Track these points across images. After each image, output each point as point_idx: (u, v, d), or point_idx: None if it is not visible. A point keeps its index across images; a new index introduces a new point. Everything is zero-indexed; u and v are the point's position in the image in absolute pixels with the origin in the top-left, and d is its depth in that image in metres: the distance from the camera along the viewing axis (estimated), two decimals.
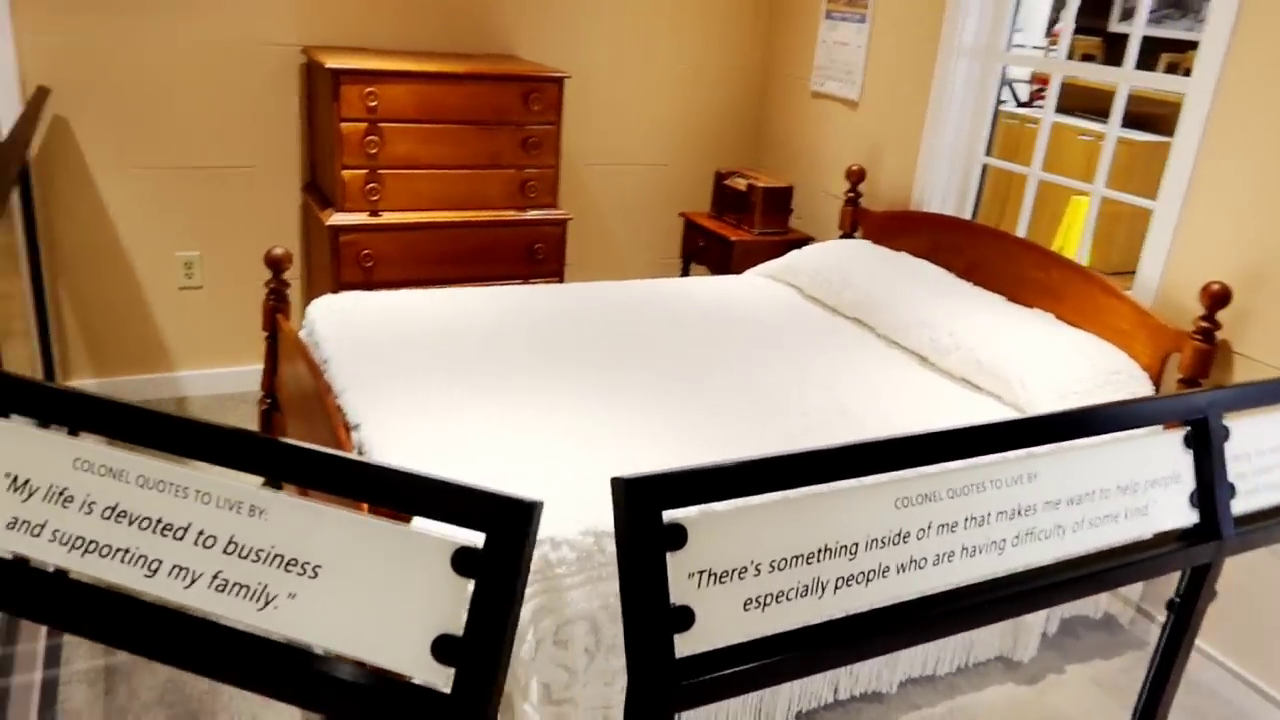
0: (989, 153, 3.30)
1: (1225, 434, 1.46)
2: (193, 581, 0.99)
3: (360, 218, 3.13)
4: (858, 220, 3.52)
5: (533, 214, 3.37)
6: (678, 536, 1.03)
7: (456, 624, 0.94)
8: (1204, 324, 2.43)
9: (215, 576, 0.98)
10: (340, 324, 2.57)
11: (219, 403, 3.49)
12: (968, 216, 3.36)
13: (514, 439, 2.03)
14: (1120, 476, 1.35)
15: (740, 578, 1.06)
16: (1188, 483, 1.42)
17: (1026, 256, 2.92)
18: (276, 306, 2.63)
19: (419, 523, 1.01)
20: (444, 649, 0.94)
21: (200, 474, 1.00)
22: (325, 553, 0.99)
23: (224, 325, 3.49)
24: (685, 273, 3.97)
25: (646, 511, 1.00)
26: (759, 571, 1.07)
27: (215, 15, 3.19)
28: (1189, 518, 1.42)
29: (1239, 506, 1.46)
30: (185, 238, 3.37)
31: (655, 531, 1.01)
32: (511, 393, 2.25)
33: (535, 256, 3.41)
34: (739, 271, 3.49)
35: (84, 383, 3.40)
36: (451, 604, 0.95)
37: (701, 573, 1.04)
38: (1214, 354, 2.45)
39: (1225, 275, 2.44)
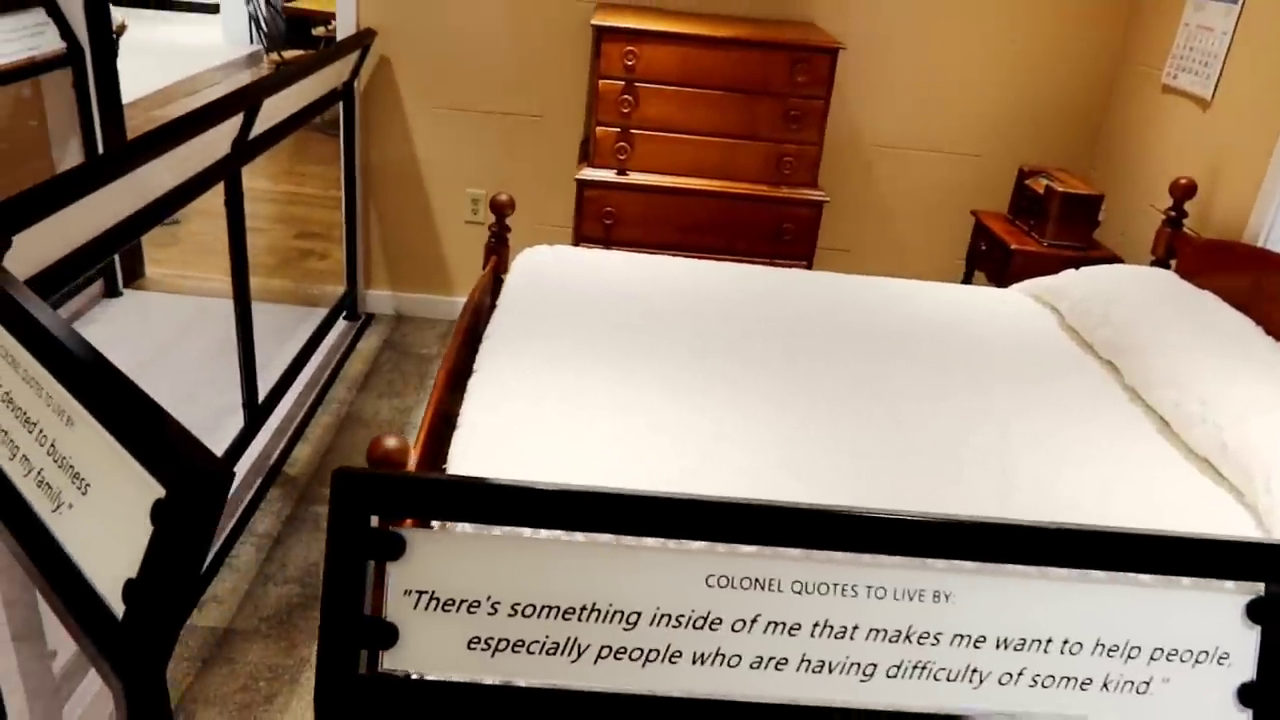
0: None
1: None
2: None
3: (608, 174, 3.17)
4: (1175, 246, 2.87)
5: (786, 192, 3.19)
6: (392, 546, 0.93)
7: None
8: None
9: None
10: (532, 274, 2.63)
11: None
12: None
13: (613, 428, 1.91)
14: (1108, 630, 0.99)
15: (470, 611, 0.94)
16: (1241, 669, 1.00)
17: None
18: (495, 248, 2.77)
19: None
20: (128, 590, 0.94)
21: None
22: (93, 473, 1.03)
23: None
24: (968, 278, 3.52)
25: (354, 512, 0.91)
26: (495, 611, 0.94)
27: None
28: (1229, 718, 1.00)
29: None
30: (476, 175, 3.65)
31: (362, 535, 0.92)
32: (649, 378, 2.14)
33: (783, 237, 3.23)
34: (1017, 283, 3.03)
35: (379, 293, 3.86)
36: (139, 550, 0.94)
37: (421, 593, 0.93)
38: None
39: None
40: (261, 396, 2.88)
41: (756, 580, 0.95)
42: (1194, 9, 3.05)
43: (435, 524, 0.95)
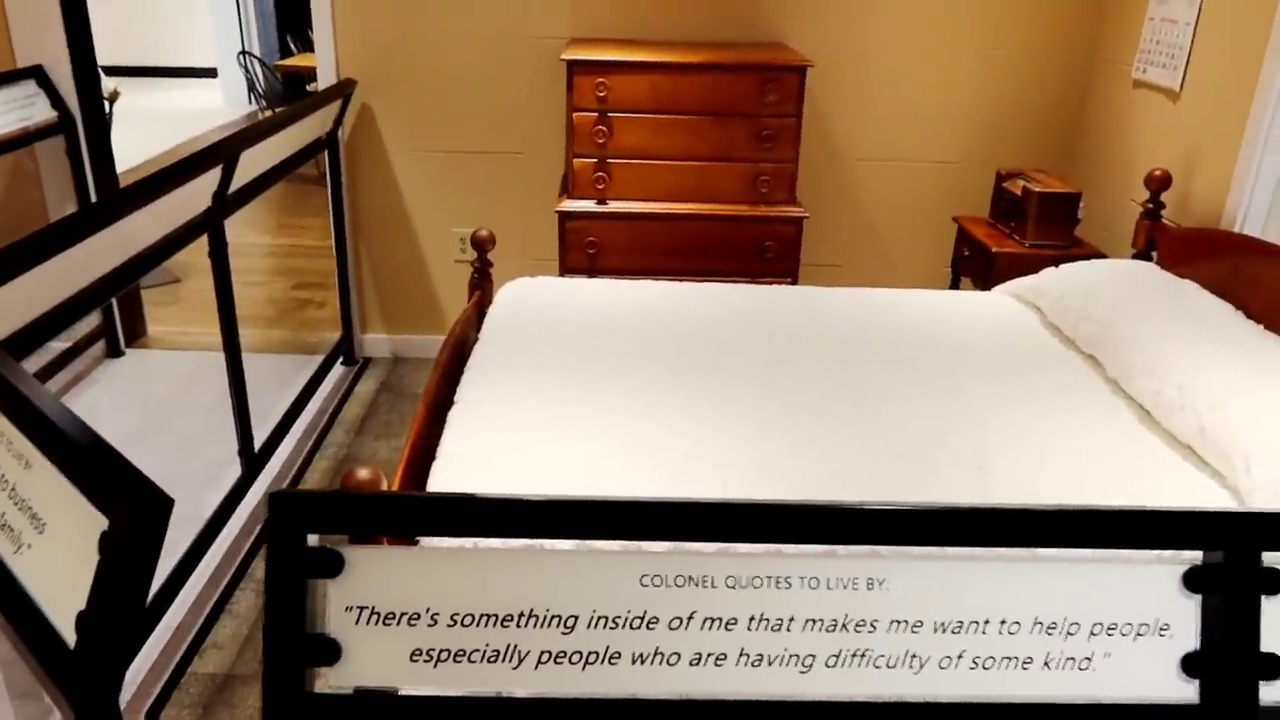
0: None
1: (1275, 582, 1.01)
2: None
3: (588, 205, 3.21)
4: (1155, 237, 2.88)
5: (765, 210, 3.22)
6: (330, 563, 0.95)
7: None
8: None
9: None
10: (514, 305, 2.67)
11: None
12: None
13: (587, 451, 1.92)
14: (1046, 607, 0.99)
15: (410, 624, 0.96)
16: (1184, 639, 1.01)
17: None
18: (479, 283, 2.81)
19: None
20: (80, 621, 0.96)
21: None
22: (49, 511, 1.06)
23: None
24: (955, 284, 3.53)
25: (290, 531, 0.94)
26: (435, 622, 0.96)
27: (497, 13, 3.45)
28: (1177, 690, 1.00)
29: (1275, 693, 1.00)
30: (462, 215, 3.71)
31: (299, 554, 0.94)
32: (627, 400, 2.15)
33: (765, 255, 3.25)
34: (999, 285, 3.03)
35: (375, 337, 3.91)
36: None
37: (362, 609, 0.95)
38: None
39: None
40: (258, 444, 2.92)
41: (690, 578, 0.97)
42: (1158, 3, 3.08)
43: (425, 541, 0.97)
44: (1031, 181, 3.18)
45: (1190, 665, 1.00)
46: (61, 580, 1.01)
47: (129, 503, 0.92)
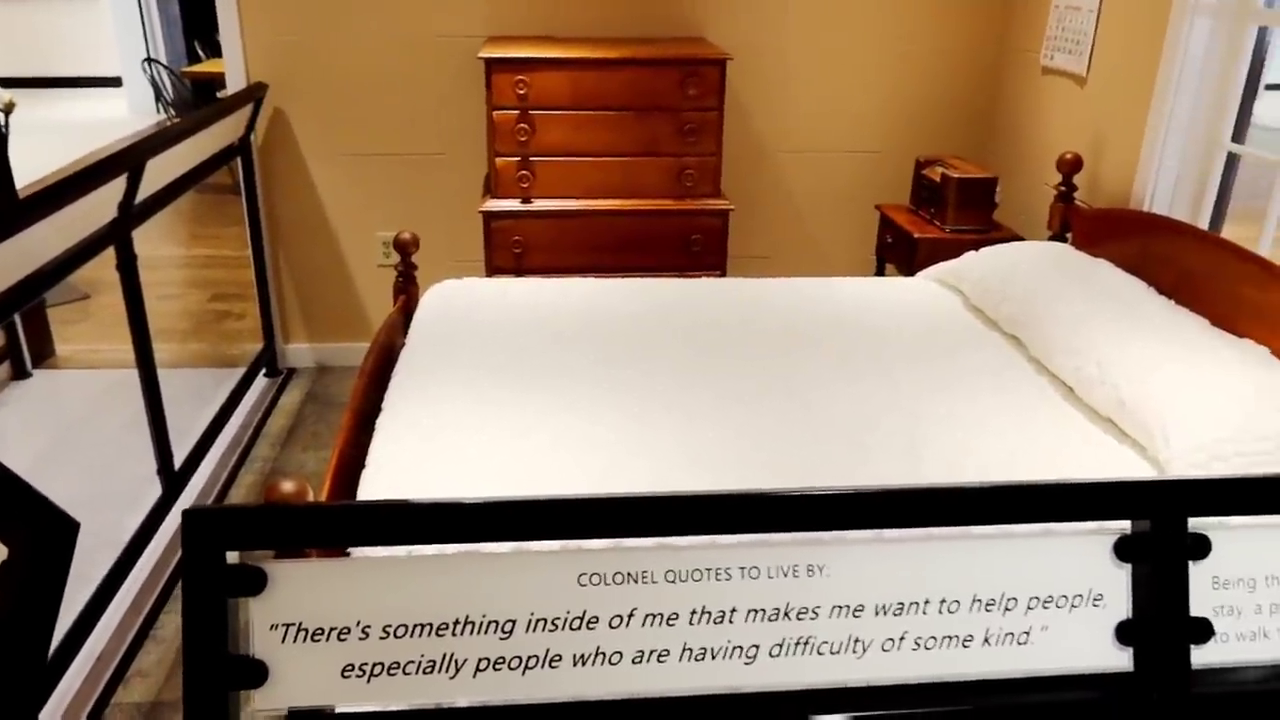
0: (1240, 139, 2.60)
1: (1201, 547, 1.03)
2: None
3: (512, 204, 3.17)
4: (1069, 219, 2.95)
5: (690, 204, 3.22)
6: (251, 581, 0.91)
7: None
8: None
9: None
10: (440, 308, 2.62)
11: None
12: (1206, 219, 2.68)
13: (518, 450, 1.89)
14: (983, 584, 1.00)
15: (340, 639, 0.92)
16: (1117, 608, 1.02)
17: (1242, 271, 2.26)
18: (403, 287, 2.75)
19: None
20: None
21: None
22: None
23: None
24: (880, 271, 3.58)
25: (208, 549, 0.89)
26: (366, 635, 0.92)
27: (409, 11, 3.38)
28: (1112, 658, 1.02)
29: (1207, 656, 1.02)
30: (384, 219, 3.63)
31: (218, 572, 0.90)
32: (555, 398, 2.13)
33: (692, 248, 3.25)
34: (922, 270, 3.08)
35: (299, 346, 3.81)
36: None
37: (288, 626, 0.91)
38: None
39: None
40: (179, 462, 2.82)
41: (629, 574, 0.95)
42: None
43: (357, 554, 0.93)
44: (950, 168, 3.24)
45: (1124, 633, 1.01)
46: None
47: (29, 529, 0.86)
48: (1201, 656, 1.01)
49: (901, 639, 0.98)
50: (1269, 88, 2.71)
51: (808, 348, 2.43)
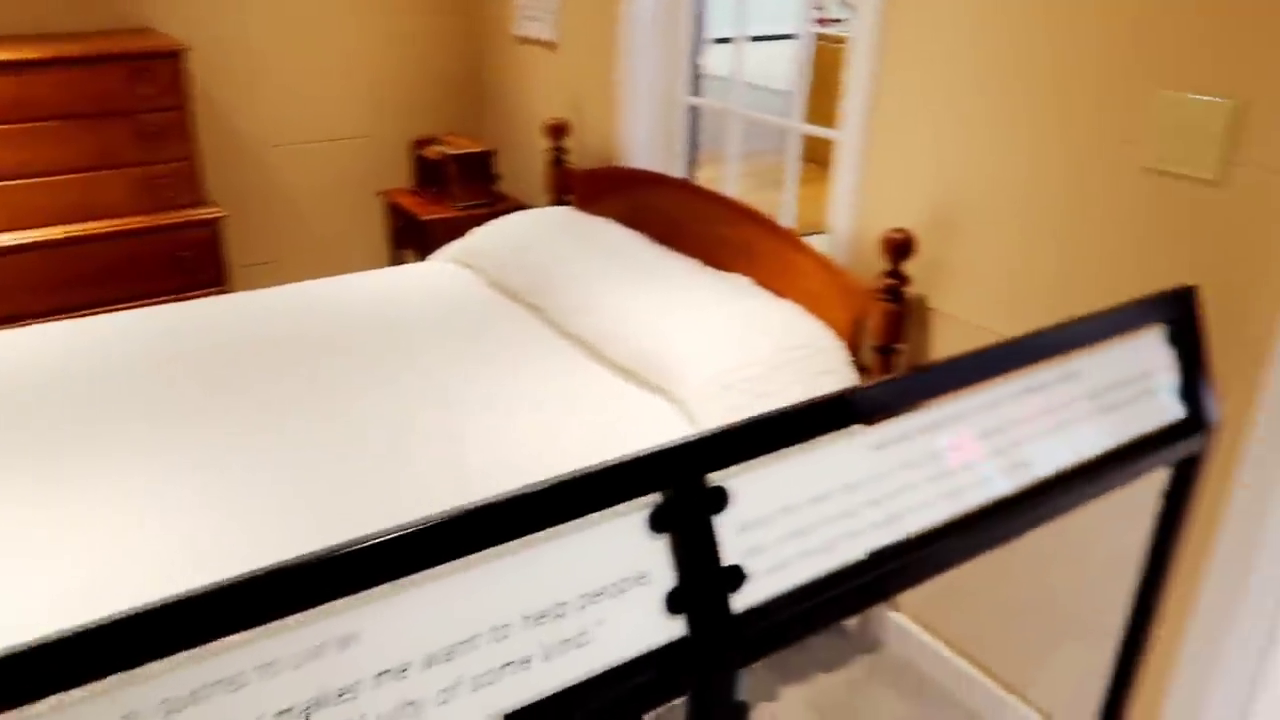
0: (696, 92, 2.87)
1: (719, 500, 1.06)
2: None
3: None
4: (566, 182, 3.06)
5: (170, 217, 2.84)
6: None
7: None
8: (890, 280, 2.05)
9: None
10: None
11: None
12: (680, 168, 2.93)
13: None
14: (526, 599, 0.94)
15: None
16: (663, 581, 1.02)
17: (718, 213, 2.50)
18: None
19: None
20: None
21: None
22: None
23: None
24: (396, 260, 3.47)
25: None
26: None
27: None
28: (669, 630, 1.02)
29: (746, 599, 1.06)
30: None
31: None
32: (33, 486, 1.74)
33: (183, 266, 2.88)
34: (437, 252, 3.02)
35: None
36: None
37: None
38: (906, 314, 2.08)
39: (919, 218, 2.06)
40: None
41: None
42: None
43: None
44: (447, 145, 3.20)
45: (673, 602, 1.02)
46: None
47: None
48: (742, 601, 1.05)
49: (457, 685, 0.89)
50: (718, 41, 3.00)
51: (333, 355, 2.26)
